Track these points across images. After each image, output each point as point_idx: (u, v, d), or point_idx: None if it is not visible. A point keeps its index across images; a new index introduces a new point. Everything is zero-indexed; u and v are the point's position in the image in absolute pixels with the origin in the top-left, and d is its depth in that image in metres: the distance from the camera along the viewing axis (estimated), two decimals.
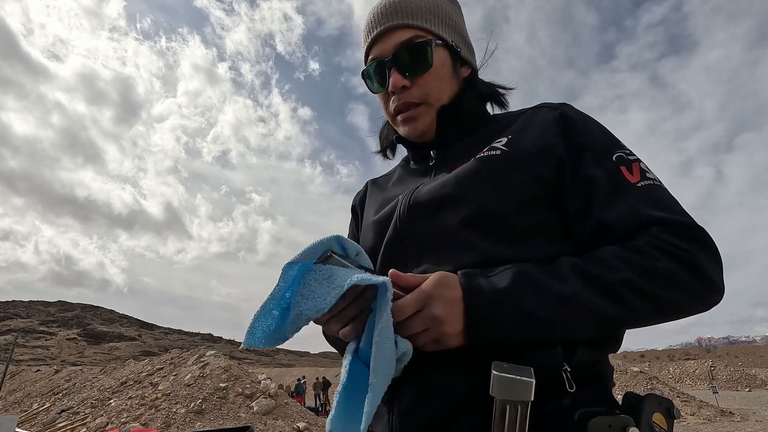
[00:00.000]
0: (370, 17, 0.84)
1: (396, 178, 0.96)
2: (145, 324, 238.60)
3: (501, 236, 0.68)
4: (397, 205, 0.79)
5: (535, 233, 0.69)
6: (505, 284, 0.59)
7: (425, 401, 0.63)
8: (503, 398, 0.50)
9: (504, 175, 0.71)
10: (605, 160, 0.70)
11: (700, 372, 38.86)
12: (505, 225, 0.69)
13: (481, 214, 0.69)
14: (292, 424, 8.52)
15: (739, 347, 52.60)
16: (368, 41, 0.84)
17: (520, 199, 0.69)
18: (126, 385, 12.19)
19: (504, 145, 0.75)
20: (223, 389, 9.26)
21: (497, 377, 0.50)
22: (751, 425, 13.06)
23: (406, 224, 0.76)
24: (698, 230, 0.63)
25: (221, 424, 8.09)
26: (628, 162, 0.70)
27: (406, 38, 0.79)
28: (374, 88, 0.86)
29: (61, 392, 15.95)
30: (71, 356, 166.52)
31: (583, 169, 0.70)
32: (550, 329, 0.58)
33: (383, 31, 0.81)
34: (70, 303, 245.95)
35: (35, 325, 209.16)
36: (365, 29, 0.85)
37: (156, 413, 8.30)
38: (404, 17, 0.80)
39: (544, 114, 0.77)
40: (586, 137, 0.73)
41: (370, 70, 0.84)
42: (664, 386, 17.57)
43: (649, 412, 0.56)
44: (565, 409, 0.58)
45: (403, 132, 0.85)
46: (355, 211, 1.04)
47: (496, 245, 0.68)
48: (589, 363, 0.63)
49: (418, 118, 0.82)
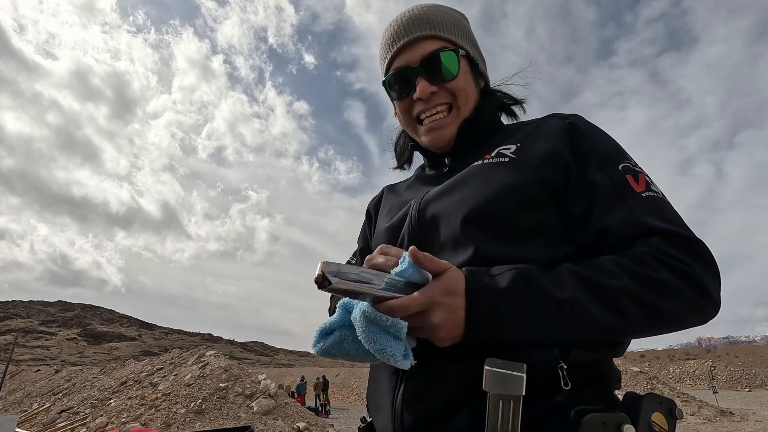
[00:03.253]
0: (394, 28, 0.86)
1: (410, 183, 0.99)
2: (145, 324, 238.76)
3: (503, 236, 0.70)
4: (409, 210, 0.83)
5: (537, 235, 0.71)
6: (506, 284, 0.60)
7: (426, 392, 0.66)
8: (495, 392, 0.52)
9: (509, 178, 0.73)
10: (611, 168, 0.72)
11: (700, 372, 38.86)
12: (507, 226, 0.70)
13: (483, 215, 0.71)
14: (292, 424, 8.52)
15: (739, 347, 52.58)
16: (393, 50, 0.85)
17: (523, 201, 0.71)
18: (126, 385, 12.19)
19: (512, 153, 0.78)
20: (223, 389, 9.26)
21: (489, 372, 0.53)
22: (751, 425, 13.06)
23: (416, 228, 0.80)
24: (698, 244, 0.64)
25: (221, 424, 8.09)
26: (634, 172, 0.72)
27: (435, 48, 0.82)
28: (397, 95, 0.88)
29: (61, 392, 15.95)
30: (71, 356, 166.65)
31: (588, 174, 0.72)
32: (546, 332, 0.59)
33: (411, 41, 0.83)
34: (70, 303, 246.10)
35: (35, 325, 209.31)
36: (388, 39, 0.87)
37: (156, 413, 8.29)
38: (432, 28, 0.83)
39: (553, 123, 0.80)
40: (593, 145, 0.75)
41: (393, 78, 0.86)
42: (664, 386, 17.58)
43: (648, 411, 0.57)
44: (560, 406, 0.59)
45: (426, 140, 0.87)
46: (369, 215, 1.07)
47: (498, 244, 0.69)
48: (588, 363, 0.64)
49: (445, 127, 0.84)
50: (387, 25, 0.90)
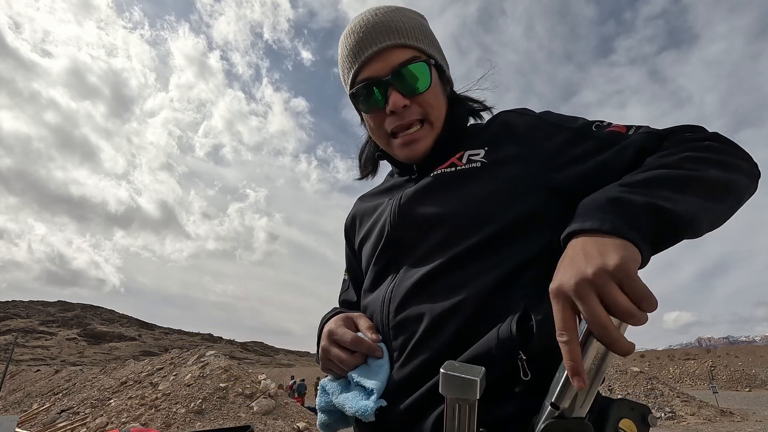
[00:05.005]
0: (359, 35, 0.80)
1: (382, 190, 0.98)
2: (145, 324, 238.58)
3: (482, 238, 0.71)
4: (386, 215, 0.84)
5: (516, 232, 0.71)
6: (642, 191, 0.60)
7: (400, 395, 0.68)
8: (452, 397, 0.52)
9: (483, 184, 0.74)
10: (590, 135, 0.74)
11: (700, 372, 38.87)
12: (483, 229, 0.71)
13: (458, 219, 0.73)
14: (292, 424, 8.52)
15: (739, 347, 52.53)
16: (360, 61, 0.80)
17: (500, 204, 0.72)
18: (126, 385, 12.19)
19: (483, 158, 0.78)
20: (223, 389, 9.25)
21: (444, 376, 0.52)
22: (751, 425, 13.06)
23: (394, 233, 0.81)
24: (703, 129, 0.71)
25: (221, 424, 8.08)
26: (608, 125, 0.75)
27: (406, 58, 0.79)
28: (367, 108, 0.83)
29: (61, 392, 15.95)
30: (71, 356, 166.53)
31: (575, 150, 0.73)
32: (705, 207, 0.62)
33: (379, 50, 0.79)
34: (70, 303, 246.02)
35: (35, 325, 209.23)
36: (354, 47, 0.81)
37: (156, 413, 8.29)
38: (400, 37, 0.79)
39: (514, 119, 0.82)
40: (563, 126, 0.77)
41: (362, 90, 0.81)
42: (664, 386, 17.55)
43: (616, 418, 0.54)
44: (520, 408, 0.59)
45: (401, 154, 0.84)
46: (348, 236, 1.03)
47: (478, 245, 0.71)
48: (548, 352, 0.56)
49: (420, 140, 0.82)
50: (348, 29, 0.84)
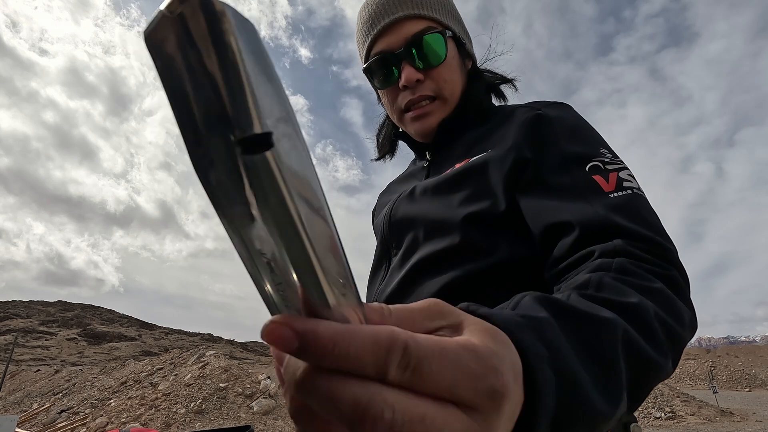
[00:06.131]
0: (372, 8, 0.79)
1: (401, 179, 0.98)
2: (145, 324, 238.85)
3: (466, 244, 0.66)
4: (383, 216, 0.84)
5: (503, 239, 0.66)
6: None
7: None
8: None
9: (474, 194, 0.68)
10: (576, 170, 0.62)
11: (700, 372, 38.86)
12: (470, 236, 0.66)
13: (445, 226, 0.70)
14: (292, 424, 8.51)
15: (739, 347, 52.46)
16: (373, 33, 0.78)
17: (487, 215, 0.67)
18: (126, 385, 12.19)
19: (482, 159, 0.71)
20: (223, 389, 9.25)
21: None
22: (751, 425, 13.05)
23: (388, 232, 0.81)
24: (672, 252, 0.54)
25: (221, 424, 8.08)
26: (604, 171, 0.61)
27: (419, 29, 0.75)
28: (380, 83, 0.81)
29: (61, 392, 15.95)
30: (71, 356, 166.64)
31: (545, 175, 0.64)
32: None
33: (392, 21, 0.76)
34: (70, 303, 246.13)
35: (35, 325, 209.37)
36: (366, 20, 0.80)
37: (156, 413, 8.29)
38: (414, 7, 0.76)
39: (522, 115, 0.72)
40: (559, 143, 0.66)
41: (375, 64, 0.79)
42: (664, 386, 17.55)
43: None
44: None
45: (413, 129, 0.82)
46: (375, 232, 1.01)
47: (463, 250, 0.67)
48: None
49: (430, 115, 0.79)
50: (364, 3, 0.81)
